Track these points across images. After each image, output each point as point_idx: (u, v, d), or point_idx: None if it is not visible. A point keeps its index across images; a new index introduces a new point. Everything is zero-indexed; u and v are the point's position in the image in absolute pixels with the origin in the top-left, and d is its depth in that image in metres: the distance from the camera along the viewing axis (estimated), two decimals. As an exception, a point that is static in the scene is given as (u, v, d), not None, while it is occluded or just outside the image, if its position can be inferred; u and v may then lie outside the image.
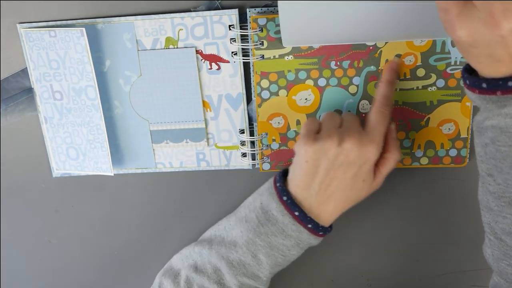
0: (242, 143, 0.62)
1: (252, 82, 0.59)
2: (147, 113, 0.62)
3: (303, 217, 0.54)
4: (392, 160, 0.55)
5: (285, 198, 0.54)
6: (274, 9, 0.56)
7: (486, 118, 0.45)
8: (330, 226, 0.57)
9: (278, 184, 0.56)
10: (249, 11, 0.57)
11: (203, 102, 0.61)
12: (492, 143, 0.45)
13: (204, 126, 0.62)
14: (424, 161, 0.60)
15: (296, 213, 0.54)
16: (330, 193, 0.54)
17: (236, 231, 0.57)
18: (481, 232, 0.64)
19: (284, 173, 0.57)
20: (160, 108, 0.62)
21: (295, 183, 0.55)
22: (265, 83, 0.59)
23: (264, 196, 0.56)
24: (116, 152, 0.64)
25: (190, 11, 0.58)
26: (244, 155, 0.63)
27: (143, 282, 0.70)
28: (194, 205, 0.67)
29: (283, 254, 0.56)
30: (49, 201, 0.68)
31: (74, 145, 0.63)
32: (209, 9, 0.58)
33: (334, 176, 0.53)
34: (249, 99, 0.61)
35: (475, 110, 0.59)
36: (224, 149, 0.63)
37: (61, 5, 0.60)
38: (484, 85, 0.43)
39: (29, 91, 0.63)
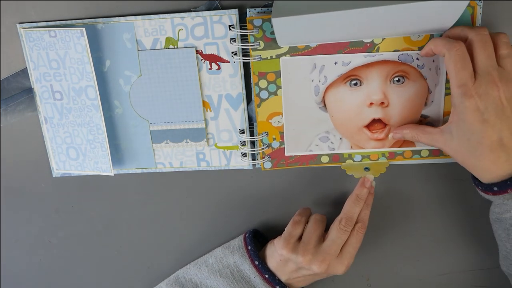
0: (242, 143, 0.62)
1: (252, 82, 0.59)
2: (147, 113, 0.62)
3: (273, 280, 0.59)
4: (360, 238, 0.59)
5: (257, 262, 0.60)
6: (274, 9, 0.57)
7: (505, 211, 0.51)
8: None
9: (249, 248, 0.61)
10: (249, 11, 0.57)
11: (203, 102, 0.61)
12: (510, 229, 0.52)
13: (204, 126, 0.62)
14: (425, 153, 0.60)
15: (266, 276, 0.59)
16: (300, 280, 0.61)
17: (211, 282, 0.61)
18: (481, 232, 0.64)
19: (255, 234, 0.64)
20: (160, 108, 0.62)
21: (270, 264, 0.60)
22: (263, 83, 0.59)
23: (236, 256, 0.61)
24: (116, 152, 0.64)
25: (190, 11, 0.58)
26: (244, 155, 0.63)
27: (143, 282, 0.70)
28: (194, 205, 0.67)
29: None
30: (49, 201, 0.68)
31: (74, 145, 0.63)
32: (209, 9, 0.58)
33: (302, 276, 0.60)
34: (249, 99, 0.61)
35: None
36: (224, 149, 0.63)
37: (61, 5, 0.60)
38: (495, 188, 0.50)
39: (29, 91, 0.63)
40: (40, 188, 0.68)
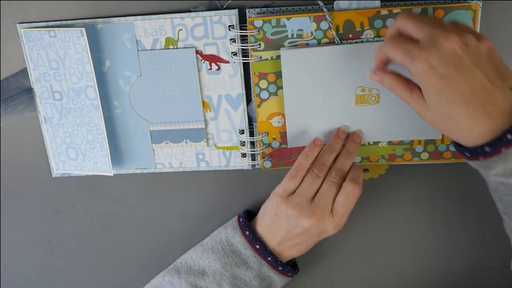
0: (242, 144, 0.62)
1: (251, 82, 0.59)
2: (147, 113, 0.62)
3: (263, 250, 0.58)
4: (351, 197, 0.57)
5: (247, 232, 0.59)
6: (274, 9, 0.57)
7: (484, 176, 0.50)
8: (296, 268, 0.62)
9: (241, 220, 0.61)
10: (249, 12, 0.57)
11: (203, 102, 0.61)
12: (496, 192, 0.50)
13: (203, 126, 0.62)
14: (425, 156, 0.60)
15: (257, 246, 0.59)
16: (291, 245, 0.59)
17: (203, 260, 0.61)
18: (481, 232, 0.64)
19: (248, 213, 0.63)
20: (160, 108, 0.62)
21: (262, 225, 0.60)
22: (263, 83, 0.59)
23: (229, 230, 0.61)
24: (116, 152, 0.64)
25: (190, 11, 0.58)
26: (244, 155, 0.63)
27: (143, 282, 0.70)
28: (194, 205, 0.67)
29: (245, 284, 0.59)
30: (49, 201, 0.68)
31: (73, 145, 0.63)
32: (209, 9, 0.58)
33: (295, 237, 0.58)
34: (249, 100, 0.61)
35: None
36: (223, 149, 0.63)
37: (61, 5, 0.60)
38: (467, 154, 0.48)
39: (29, 91, 0.63)
40: (40, 188, 0.68)
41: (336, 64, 0.56)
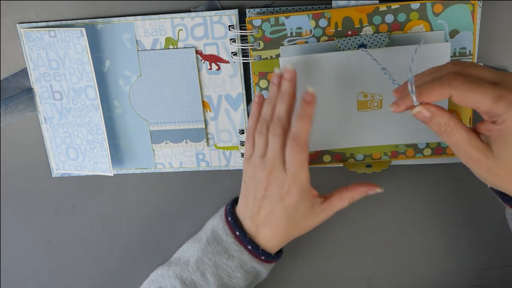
0: (242, 144, 0.62)
1: (251, 82, 0.59)
2: (147, 113, 0.62)
3: (243, 237, 0.56)
4: (345, 200, 0.56)
5: (229, 218, 0.57)
6: (273, 9, 0.57)
7: None
8: (279, 254, 0.59)
9: (228, 207, 0.59)
10: (249, 12, 0.57)
11: (203, 102, 0.61)
12: None
13: (204, 126, 0.62)
14: (427, 152, 0.60)
15: (237, 233, 0.56)
16: (264, 219, 0.55)
17: (190, 251, 0.59)
18: (482, 232, 0.64)
19: (237, 200, 0.60)
20: (160, 108, 0.62)
21: (239, 203, 0.58)
22: (263, 83, 0.59)
23: (216, 218, 0.59)
24: (116, 152, 0.64)
25: (190, 11, 0.58)
26: (243, 155, 0.63)
27: (143, 282, 0.70)
28: (194, 205, 0.67)
29: (228, 275, 0.57)
30: (49, 201, 0.68)
31: (73, 145, 0.63)
32: (209, 9, 0.58)
33: (261, 205, 0.55)
34: (249, 99, 0.61)
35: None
36: (223, 149, 0.63)
37: (61, 5, 0.60)
38: None
39: (29, 91, 0.63)
40: (40, 188, 0.68)
41: (335, 71, 0.56)
